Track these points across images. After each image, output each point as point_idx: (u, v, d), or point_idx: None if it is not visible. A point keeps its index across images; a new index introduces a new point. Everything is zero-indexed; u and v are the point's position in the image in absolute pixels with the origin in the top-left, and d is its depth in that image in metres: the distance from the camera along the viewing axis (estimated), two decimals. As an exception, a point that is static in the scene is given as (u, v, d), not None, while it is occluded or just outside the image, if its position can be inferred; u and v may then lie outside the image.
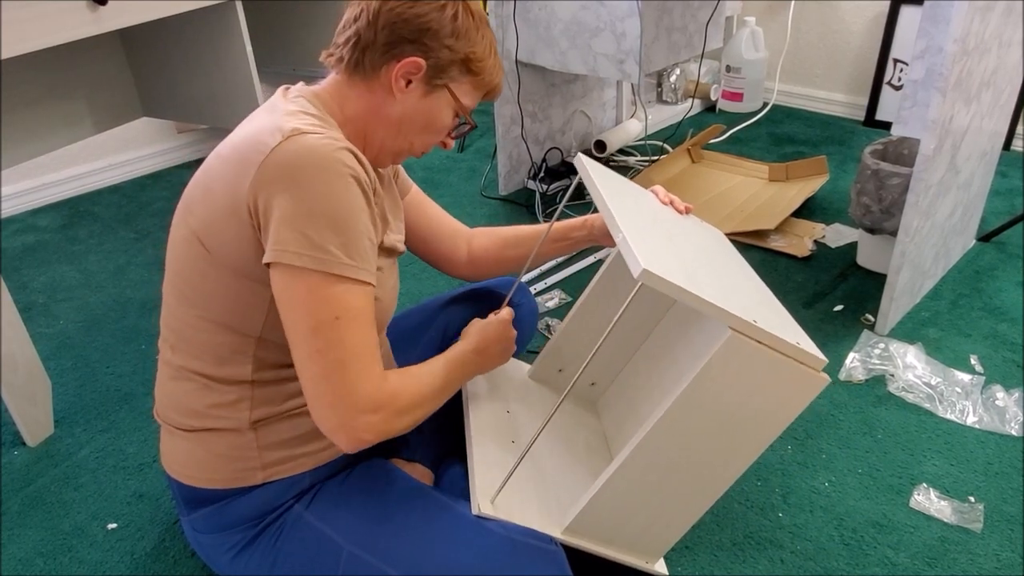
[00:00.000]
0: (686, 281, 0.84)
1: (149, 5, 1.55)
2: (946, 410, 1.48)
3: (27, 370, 1.44)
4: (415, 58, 0.91)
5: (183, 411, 0.96)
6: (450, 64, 0.93)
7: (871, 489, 1.32)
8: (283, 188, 0.81)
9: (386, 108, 0.95)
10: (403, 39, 0.91)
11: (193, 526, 1.02)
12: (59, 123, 1.97)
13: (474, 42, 0.94)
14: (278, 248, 0.81)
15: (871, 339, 1.66)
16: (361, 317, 0.84)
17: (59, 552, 1.26)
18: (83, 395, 1.62)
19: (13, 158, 1.88)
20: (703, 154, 2.59)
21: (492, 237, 1.26)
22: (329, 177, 0.81)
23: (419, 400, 0.92)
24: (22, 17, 1.32)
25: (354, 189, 0.83)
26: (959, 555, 1.19)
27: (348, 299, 0.83)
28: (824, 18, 2.91)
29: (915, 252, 1.63)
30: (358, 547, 0.93)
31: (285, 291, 0.83)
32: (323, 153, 0.82)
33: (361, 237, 0.84)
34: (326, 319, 0.82)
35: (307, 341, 0.83)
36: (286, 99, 0.93)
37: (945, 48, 1.39)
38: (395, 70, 0.92)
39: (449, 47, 0.92)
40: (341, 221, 0.82)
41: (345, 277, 0.83)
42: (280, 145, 0.82)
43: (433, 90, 0.94)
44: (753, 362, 0.89)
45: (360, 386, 0.83)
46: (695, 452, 0.96)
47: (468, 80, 0.96)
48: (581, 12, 1.98)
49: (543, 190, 2.36)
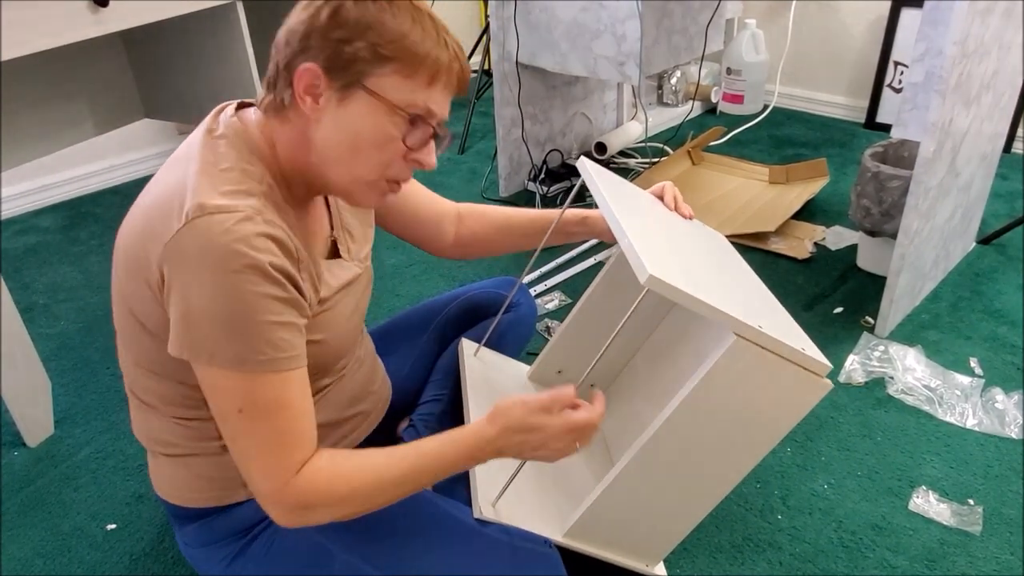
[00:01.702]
0: (691, 286, 0.84)
1: (150, 6, 1.55)
2: (946, 413, 1.48)
3: (27, 371, 1.44)
4: (307, 64, 0.79)
5: (157, 441, 0.96)
6: (351, 57, 0.79)
7: (870, 491, 1.32)
8: (182, 282, 0.76)
9: (309, 135, 0.83)
10: (294, 53, 0.80)
11: (184, 540, 1.02)
12: (61, 124, 1.97)
13: (378, 21, 0.78)
14: (176, 340, 0.78)
15: (871, 341, 1.66)
16: (270, 407, 0.79)
17: (58, 552, 1.26)
18: (83, 396, 1.62)
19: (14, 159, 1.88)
20: (703, 156, 2.60)
21: (482, 221, 1.20)
22: (225, 277, 0.74)
23: (337, 498, 0.83)
24: (23, 19, 1.32)
25: (253, 282, 0.75)
26: (958, 558, 1.19)
27: (254, 390, 0.78)
28: (825, 21, 2.91)
29: (915, 254, 1.63)
30: (351, 553, 0.93)
31: (201, 381, 0.81)
32: (221, 245, 0.74)
33: (263, 330, 0.77)
34: (229, 410, 0.80)
35: (222, 429, 0.82)
36: (209, 139, 0.84)
37: (945, 51, 1.39)
38: (297, 89, 0.80)
39: (340, 39, 0.78)
40: (238, 322, 0.76)
41: (251, 371, 0.78)
42: (181, 231, 0.75)
43: (347, 94, 0.80)
44: (757, 367, 0.89)
45: (262, 483, 0.81)
46: (697, 456, 0.96)
47: (390, 69, 0.79)
48: (581, 14, 1.98)
49: (544, 192, 2.36)
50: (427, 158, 0.86)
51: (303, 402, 0.82)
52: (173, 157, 0.86)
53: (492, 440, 0.87)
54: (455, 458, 0.87)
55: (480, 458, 0.88)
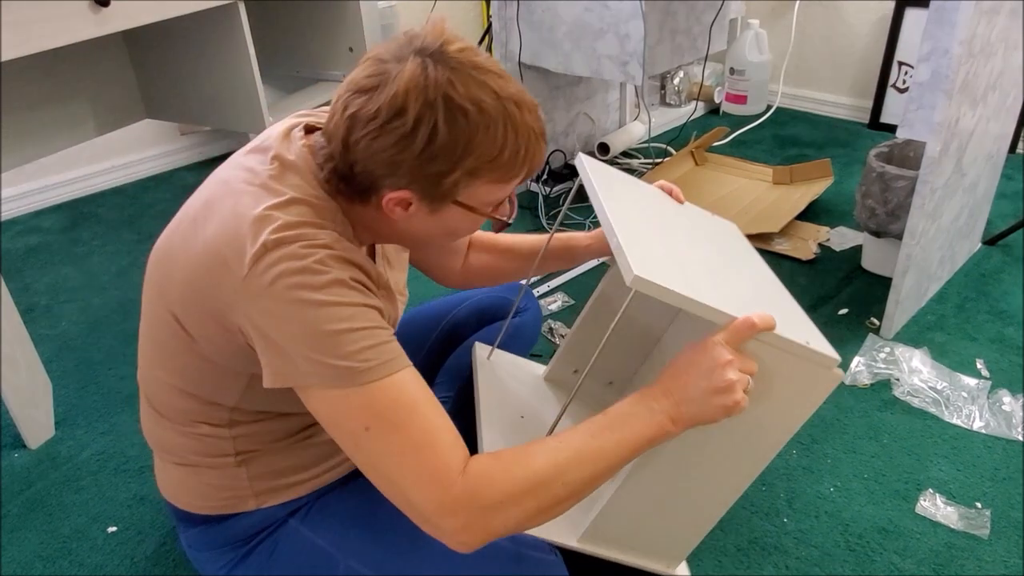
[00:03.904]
0: (683, 285, 0.82)
1: (151, 7, 1.55)
2: (952, 415, 1.47)
3: (28, 372, 1.44)
4: (398, 193, 0.78)
5: (168, 450, 0.95)
6: (449, 187, 0.78)
7: (877, 494, 1.31)
8: (268, 313, 0.74)
9: (392, 225, 0.83)
10: (380, 174, 0.77)
11: (188, 542, 1.01)
12: (62, 125, 1.97)
13: (472, 147, 0.76)
14: (274, 372, 0.75)
15: (876, 343, 1.65)
16: (398, 413, 0.74)
17: (59, 555, 1.25)
18: (84, 397, 1.61)
19: (16, 160, 1.88)
20: (707, 157, 2.59)
21: (490, 250, 1.20)
22: (312, 295, 0.73)
23: (519, 488, 0.75)
24: (24, 19, 1.32)
25: (339, 294, 0.74)
26: (966, 561, 1.18)
27: (374, 402, 0.74)
28: (828, 20, 2.90)
29: (921, 255, 1.62)
30: (355, 559, 0.92)
31: (315, 412, 0.77)
32: (302, 268, 0.73)
33: (360, 338, 0.74)
34: (356, 433, 0.74)
35: (355, 459, 0.76)
36: (282, 168, 0.81)
37: (951, 50, 1.38)
38: (385, 201, 0.79)
39: (438, 173, 0.76)
40: (332, 336, 0.73)
41: (362, 383, 0.74)
42: (260, 262, 0.73)
43: (440, 207, 0.80)
44: (761, 363, 0.88)
45: (425, 497, 0.73)
46: (710, 454, 0.95)
47: (483, 181, 0.79)
48: (585, 14, 1.98)
49: (546, 192, 2.36)
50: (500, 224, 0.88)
51: (430, 399, 0.77)
52: (234, 177, 0.82)
53: (660, 396, 0.82)
54: (631, 422, 0.81)
55: (658, 417, 0.81)
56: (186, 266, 0.80)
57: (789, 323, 0.93)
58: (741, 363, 0.82)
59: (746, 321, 0.81)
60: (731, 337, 0.82)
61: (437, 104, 0.73)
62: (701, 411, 0.82)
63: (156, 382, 0.91)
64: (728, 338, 0.82)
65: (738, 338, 0.82)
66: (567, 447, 0.79)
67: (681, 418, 0.82)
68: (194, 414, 0.90)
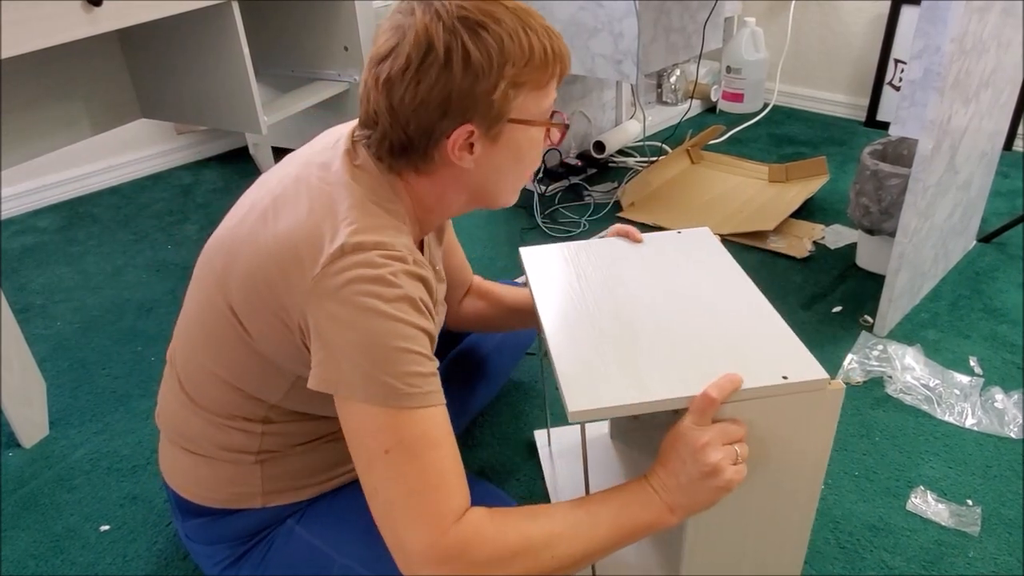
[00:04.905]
0: (629, 390, 0.81)
1: (145, 6, 1.55)
2: (944, 412, 1.47)
3: (23, 371, 1.44)
4: (460, 129, 0.79)
5: (187, 437, 0.95)
6: (500, 104, 0.79)
7: (868, 492, 1.31)
8: (332, 316, 0.74)
9: (463, 180, 0.85)
10: (434, 120, 0.79)
11: (186, 532, 1.02)
12: (57, 124, 1.97)
13: (504, 55, 0.77)
14: (320, 375, 0.76)
15: (869, 340, 1.65)
16: (420, 445, 0.74)
17: (51, 554, 1.25)
18: (78, 397, 1.62)
19: (11, 159, 1.88)
20: (703, 155, 2.59)
21: (488, 297, 1.22)
22: (380, 306, 0.74)
23: (509, 551, 0.75)
24: (17, 18, 1.32)
25: (406, 312, 0.75)
26: (956, 558, 1.18)
27: (402, 428, 0.74)
28: (825, 19, 2.90)
29: (914, 253, 1.62)
30: (350, 559, 0.93)
31: (343, 420, 0.77)
32: (377, 278, 0.74)
33: (411, 362, 0.75)
34: (375, 452, 0.75)
35: (364, 477, 0.77)
36: (354, 168, 0.83)
37: (942, 48, 1.38)
38: (448, 149, 0.81)
39: (485, 91, 0.78)
40: (388, 352, 0.74)
41: (400, 406, 0.74)
42: (334, 264, 0.75)
43: (498, 133, 0.82)
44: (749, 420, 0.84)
45: (416, 535, 0.73)
46: (756, 511, 0.92)
47: (524, 91, 0.81)
48: (579, 13, 1.98)
49: (542, 191, 2.36)
50: (558, 135, 0.90)
51: (452, 443, 0.78)
52: (308, 175, 0.84)
53: (657, 484, 0.83)
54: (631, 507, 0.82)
55: (656, 504, 0.82)
56: (253, 259, 0.81)
57: (763, 358, 0.87)
58: (721, 436, 0.80)
59: (704, 398, 0.80)
60: (697, 418, 0.80)
61: (457, 27, 0.76)
62: (695, 499, 0.82)
63: (200, 370, 0.91)
64: (695, 420, 0.81)
65: (705, 416, 0.81)
66: (563, 520, 0.79)
67: (678, 507, 0.82)
68: (233, 407, 0.90)
